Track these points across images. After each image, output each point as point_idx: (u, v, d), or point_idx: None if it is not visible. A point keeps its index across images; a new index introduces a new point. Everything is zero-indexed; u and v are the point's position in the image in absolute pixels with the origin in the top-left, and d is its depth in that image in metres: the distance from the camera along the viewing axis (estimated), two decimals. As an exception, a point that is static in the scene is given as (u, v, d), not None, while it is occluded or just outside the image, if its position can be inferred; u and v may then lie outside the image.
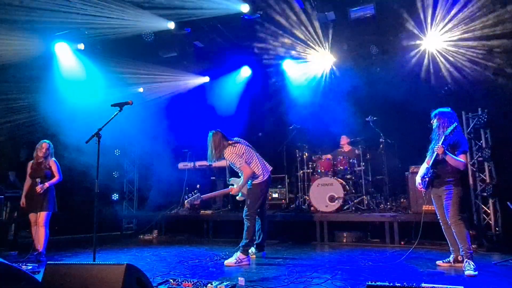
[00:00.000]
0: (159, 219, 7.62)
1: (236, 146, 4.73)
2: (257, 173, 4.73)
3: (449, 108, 4.19)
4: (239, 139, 4.93)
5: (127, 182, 8.89)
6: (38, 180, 5.10)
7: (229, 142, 4.77)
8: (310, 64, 7.95)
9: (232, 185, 4.92)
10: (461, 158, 3.92)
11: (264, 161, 4.94)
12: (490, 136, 5.83)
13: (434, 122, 4.21)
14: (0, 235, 6.18)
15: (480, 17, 5.83)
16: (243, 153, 4.69)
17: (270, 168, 4.95)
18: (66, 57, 7.25)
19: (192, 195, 4.89)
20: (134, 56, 7.67)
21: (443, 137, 3.94)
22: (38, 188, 5.05)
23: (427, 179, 4.13)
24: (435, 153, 3.99)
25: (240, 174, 4.78)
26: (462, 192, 4.04)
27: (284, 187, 7.69)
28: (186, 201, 4.96)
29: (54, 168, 5.27)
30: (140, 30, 6.68)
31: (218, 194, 5.09)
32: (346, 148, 7.44)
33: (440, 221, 4.22)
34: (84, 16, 6.05)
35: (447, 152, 3.91)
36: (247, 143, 4.93)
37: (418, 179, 4.29)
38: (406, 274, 3.93)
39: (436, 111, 4.22)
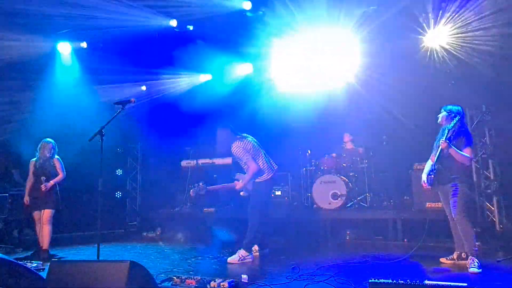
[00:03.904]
0: (162, 216, 7.64)
1: (243, 141, 4.74)
2: (262, 170, 4.73)
3: (457, 106, 4.15)
4: (247, 134, 4.93)
5: (130, 179, 8.91)
6: (43, 178, 5.14)
7: (237, 136, 4.78)
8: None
9: (238, 180, 4.93)
10: (467, 152, 3.89)
11: (270, 160, 4.94)
12: (494, 133, 5.79)
13: (440, 118, 4.19)
14: (5, 232, 6.22)
15: (485, 11, 5.77)
16: (250, 149, 4.69)
17: (276, 167, 4.95)
18: (68, 55, 7.26)
19: (199, 186, 4.95)
20: (136, 54, 7.67)
21: (447, 132, 3.93)
22: (43, 187, 5.08)
23: (432, 176, 4.11)
24: (439, 148, 3.97)
25: (245, 170, 4.78)
26: (468, 189, 4.02)
27: (287, 184, 7.68)
28: (192, 190, 5.01)
29: (58, 166, 5.32)
30: (143, 28, 6.68)
31: (223, 187, 5.16)
32: (349, 145, 7.41)
33: (448, 217, 4.20)
34: (86, 14, 6.06)
35: (451, 146, 3.88)
36: (255, 140, 4.93)
37: (424, 176, 4.25)
38: (409, 271, 3.92)
39: (444, 107, 4.20)
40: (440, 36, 6.60)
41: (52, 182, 5.17)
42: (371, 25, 6.70)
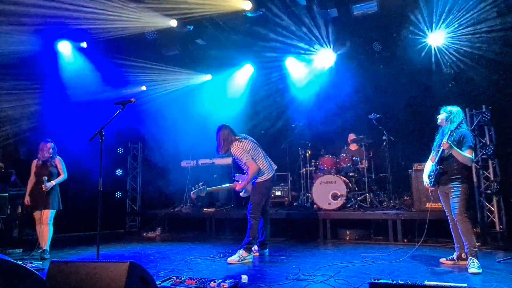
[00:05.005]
0: (162, 216, 7.65)
1: (243, 142, 4.74)
2: (262, 171, 4.73)
3: (457, 106, 4.15)
4: (246, 135, 4.94)
5: (130, 180, 8.91)
6: (45, 178, 5.14)
7: (236, 137, 4.78)
8: (312, 62, 7.93)
9: (237, 180, 4.93)
10: (468, 153, 3.89)
11: (269, 160, 4.95)
12: (494, 133, 5.79)
13: (440, 119, 4.18)
14: (5, 232, 6.22)
15: (485, 12, 5.78)
16: (249, 149, 4.70)
17: (275, 167, 4.96)
18: (69, 55, 7.27)
19: (198, 187, 4.95)
20: (136, 54, 7.68)
21: (448, 133, 3.92)
22: (44, 187, 5.08)
23: (433, 176, 4.10)
24: (441, 149, 3.96)
25: (245, 171, 4.78)
26: (469, 190, 4.01)
27: (287, 184, 7.68)
28: (192, 192, 5.02)
29: (59, 166, 5.34)
30: (143, 28, 6.68)
31: (223, 188, 5.17)
32: (353, 147, 7.39)
33: (448, 218, 4.19)
34: (87, 14, 6.06)
35: (453, 147, 3.88)
36: (254, 140, 4.94)
37: (425, 177, 4.25)
38: (409, 271, 3.92)
39: (443, 108, 4.19)
40: (441, 37, 6.61)
41: (53, 182, 5.19)
42: (371, 24, 6.71)
